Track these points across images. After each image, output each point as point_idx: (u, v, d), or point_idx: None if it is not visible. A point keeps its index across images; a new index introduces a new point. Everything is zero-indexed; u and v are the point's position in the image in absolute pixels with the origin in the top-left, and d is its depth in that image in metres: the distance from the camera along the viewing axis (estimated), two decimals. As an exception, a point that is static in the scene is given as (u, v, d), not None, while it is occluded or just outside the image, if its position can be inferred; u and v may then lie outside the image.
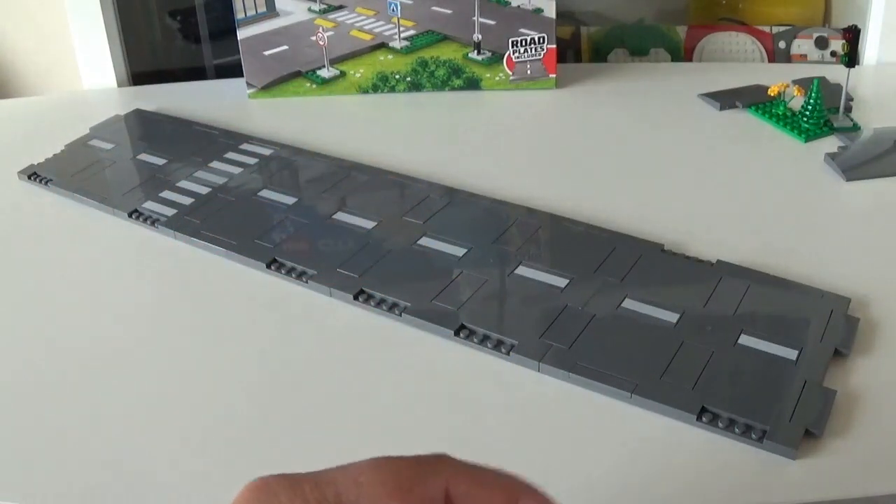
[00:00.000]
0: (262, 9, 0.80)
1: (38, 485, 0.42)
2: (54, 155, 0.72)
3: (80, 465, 0.43)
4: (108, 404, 0.47)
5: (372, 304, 0.53)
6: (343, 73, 0.82)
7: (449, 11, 0.80)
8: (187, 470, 0.43)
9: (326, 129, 0.76)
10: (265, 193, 0.65)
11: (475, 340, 0.49)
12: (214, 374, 0.49)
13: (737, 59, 0.92)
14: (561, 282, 0.53)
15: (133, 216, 0.63)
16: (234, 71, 0.86)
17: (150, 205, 0.64)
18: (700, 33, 0.93)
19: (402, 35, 0.81)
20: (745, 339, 0.48)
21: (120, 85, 0.88)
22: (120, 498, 0.41)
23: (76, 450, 0.44)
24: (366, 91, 0.83)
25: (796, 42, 0.91)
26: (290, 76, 0.82)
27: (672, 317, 0.50)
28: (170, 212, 0.63)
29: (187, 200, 0.64)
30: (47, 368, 0.50)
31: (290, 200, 0.63)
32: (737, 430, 0.43)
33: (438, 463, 0.26)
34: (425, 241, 0.58)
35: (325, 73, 0.82)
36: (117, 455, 0.44)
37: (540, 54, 0.81)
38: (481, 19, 0.80)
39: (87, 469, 0.43)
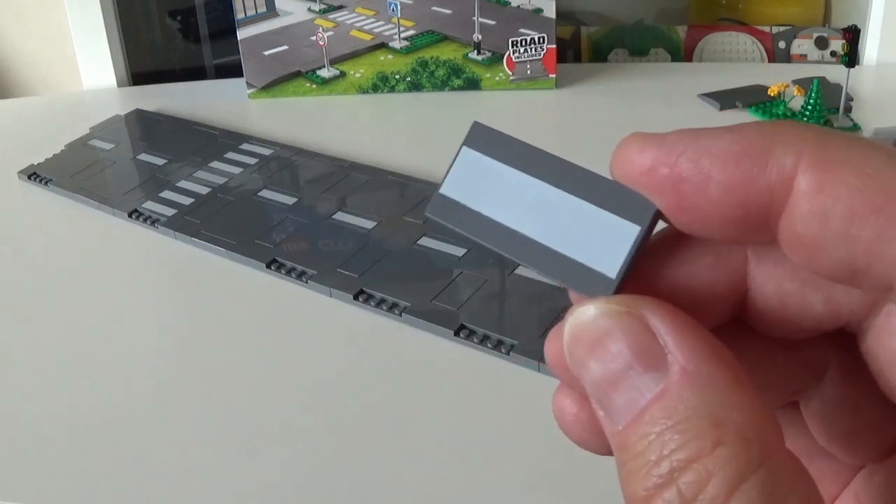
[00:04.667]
0: (262, 9, 0.80)
1: (37, 486, 0.42)
2: (54, 155, 0.72)
3: (79, 466, 0.43)
4: (107, 404, 0.47)
5: (372, 304, 0.53)
6: (343, 73, 0.82)
7: (449, 11, 0.80)
8: (186, 469, 0.43)
9: (326, 129, 0.76)
10: (265, 193, 0.65)
11: (475, 340, 0.49)
12: (213, 374, 0.49)
13: (737, 59, 0.92)
14: (561, 282, 0.53)
15: (133, 216, 0.63)
16: (234, 71, 0.86)
17: (150, 205, 0.64)
18: (700, 33, 0.93)
19: (402, 35, 0.81)
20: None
21: (120, 85, 0.88)
22: (120, 498, 0.41)
23: (76, 450, 0.44)
24: (366, 91, 0.83)
25: (796, 42, 0.91)
26: (290, 76, 0.82)
27: (672, 317, 0.50)
28: (170, 212, 0.63)
29: (187, 200, 0.64)
30: (45, 368, 0.50)
31: (290, 200, 0.63)
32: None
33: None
34: (425, 241, 0.58)
35: (325, 73, 0.82)
36: (116, 455, 0.44)
37: (540, 54, 0.81)
38: (481, 19, 0.80)
39: (86, 470, 0.43)
